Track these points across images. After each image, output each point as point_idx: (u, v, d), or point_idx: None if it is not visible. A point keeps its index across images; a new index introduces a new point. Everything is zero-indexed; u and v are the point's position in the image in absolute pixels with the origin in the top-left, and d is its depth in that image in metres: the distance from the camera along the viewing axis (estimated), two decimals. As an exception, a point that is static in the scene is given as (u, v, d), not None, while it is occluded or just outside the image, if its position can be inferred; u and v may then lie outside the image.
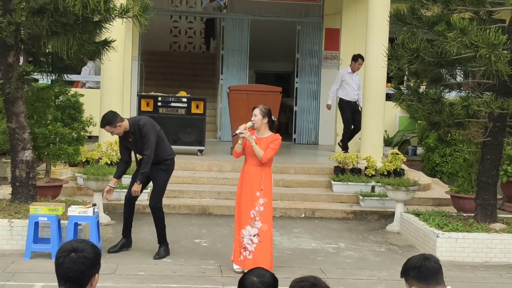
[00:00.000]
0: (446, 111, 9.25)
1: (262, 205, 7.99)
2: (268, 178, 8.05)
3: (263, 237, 7.96)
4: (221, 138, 16.85)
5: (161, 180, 8.72)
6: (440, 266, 3.96)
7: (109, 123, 8.37)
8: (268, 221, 8.02)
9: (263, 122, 8.04)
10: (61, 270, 3.49)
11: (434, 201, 12.19)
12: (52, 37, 8.64)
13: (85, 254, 3.50)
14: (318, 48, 16.92)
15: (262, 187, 7.99)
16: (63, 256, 3.49)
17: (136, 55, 15.92)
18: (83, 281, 3.50)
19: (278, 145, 8.04)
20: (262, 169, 8.02)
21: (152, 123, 8.60)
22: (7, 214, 8.85)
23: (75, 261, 3.47)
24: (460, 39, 8.24)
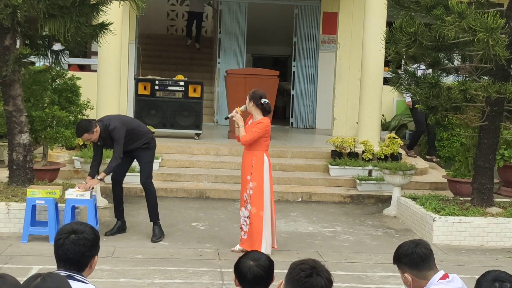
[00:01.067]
0: (443, 95, 9.25)
1: (251, 188, 8.09)
2: (258, 162, 8.07)
3: (252, 220, 8.10)
4: (218, 122, 16.83)
5: (146, 158, 8.80)
6: (431, 251, 3.99)
7: (86, 130, 8.39)
8: (257, 204, 8.08)
9: (249, 105, 8.13)
10: (61, 251, 3.49)
11: (431, 185, 12.22)
12: (49, 20, 8.62)
13: (85, 235, 3.52)
14: (315, 32, 16.87)
15: (252, 171, 8.08)
16: (63, 238, 3.50)
17: (133, 39, 15.87)
18: (83, 263, 3.51)
19: (260, 129, 8.02)
20: (252, 153, 8.10)
21: (122, 123, 8.59)
22: (5, 197, 8.86)
23: (76, 242, 3.48)
24: (458, 23, 8.22)
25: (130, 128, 8.68)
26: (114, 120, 8.67)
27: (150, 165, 8.89)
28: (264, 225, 8.12)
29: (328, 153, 12.82)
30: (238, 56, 17.07)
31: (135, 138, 8.71)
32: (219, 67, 17.04)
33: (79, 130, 8.44)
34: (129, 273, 7.34)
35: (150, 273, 7.40)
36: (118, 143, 8.47)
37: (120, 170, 8.85)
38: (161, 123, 13.77)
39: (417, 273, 3.92)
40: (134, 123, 8.98)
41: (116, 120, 8.65)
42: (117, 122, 8.59)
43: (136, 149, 8.73)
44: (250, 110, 8.19)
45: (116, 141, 8.47)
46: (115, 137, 8.46)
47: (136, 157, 8.84)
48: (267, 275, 3.51)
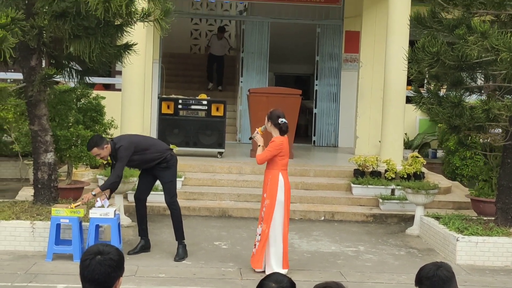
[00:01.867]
0: (466, 115, 9.22)
1: (265, 206, 8.16)
2: (273, 181, 8.11)
3: (261, 237, 8.18)
4: (240, 141, 16.88)
5: (168, 177, 8.83)
6: (453, 273, 3.98)
7: (96, 144, 8.46)
8: (267, 221, 8.13)
9: (268, 125, 8.23)
10: (87, 272, 3.54)
11: (454, 204, 12.16)
12: (74, 41, 8.73)
13: (111, 256, 3.56)
14: (338, 50, 16.92)
15: (267, 189, 8.17)
16: (89, 259, 3.55)
17: (157, 58, 16.01)
18: (108, 284, 3.55)
19: (272, 147, 8.07)
20: (269, 172, 8.20)
21: (129, 143, 8.62)
22: (30, 216, 8.94)
23: (102, 263, 3.53)
24: (480, 42, 8.23)
25: (141, 148, 8.68)
26: (123, 139, 8.74)
27: (173, 184, 8.91)
28: (270, 243, 8.11)
29: (350, 171, 12.81)
30: (261, 74, 17.15)
31: (149, 157, 8.71)
32: (241, 86, 17.12)
33: (90, 144, 8.55)
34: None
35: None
36: (120, 161, 8.51)
37: (143, 189, 8.92)
38: (184, 141, 13.84)
39: (439, 296, 3.91)
40: (146, 142, 8.94)
41: (125, 140, 8.70)
42: (125, 141, 8.63)
43: (155, 169, 8.77)
44: (269, 130, 8.27)
45: (118, 160, 8.52)
46: (118, 156, 8.51)
47: (158, 177, 8.88)
48: None
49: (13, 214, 8.98)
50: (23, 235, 8.76)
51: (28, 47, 8.92)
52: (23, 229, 8.77)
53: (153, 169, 8.77)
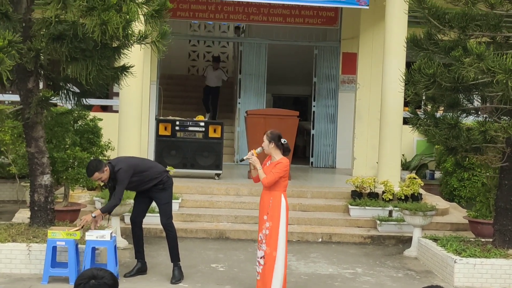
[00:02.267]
0: (463, 136, 9.24)
1: (267, 228, 7.97)
2: (276, 202, 7.98)
3: (266, 260, 7.95)
4: (238, 162, 16.87)
5: (164, 199, 8.80)
6: None
7: (97, 169, 8.43)
8: (272, 244, 7.95)
9: (270, 147, 8.04)
10: None
11: (452, 226, 12.14)
12: (72, 63, 8.75)
13: (105, 280, 3.55)
14: (335, 72, 16.97)
15: (269, 210, 7.98)
16: (83, 283, 3.54)
17: (155, 79, 16.04)
18: None
19: (280, 169, 7.95)
20: (270, 193, 8.00)
21: (128, 167, 8.62)
22: (26, 238, 8.91)
23: (96, 287, 3.51)
24: (476, 64, 8.25)
25: (139, 171, 8.67)
26: (121, 162, 8.72)
27: (169, 205, 8.89)
28: (276, 266, 7.96)
29: (348, 193, 12.79)
30: (258, 96, 17.18)
31: (147, 179, 8.71)
32: (239, 107, 17.15)
33: (90, 170, 8.49)
34: (148, 315, 7.33)
35: (169, 315, 7.38)
36: (120, 185, 8.50)
37: (139, 211, 8.89)
38: (182, 163, 13.83)
39: (435, 318, 3.89)
40: (144, 165, 8.92)
41: (123, 163, 8.68)
42: (124, 164, 8.62)
43: (151, 191, 8.75)
44: (269, 152, 8.09)
45: (118, 183, 8.50)
46: (119, 179, 8.49)
47: (153, 198, 8.86)
48: None
49: (9, 237, 8.94)
50: (19, 257, 8.72)
51: (25, 69, 8.93)
52: (19, 251, 8.73)
53: (149, 191, 8.76)
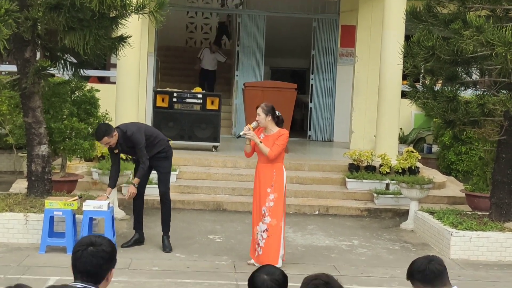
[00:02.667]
0: (461, 109, 9.22)
1: (272, 200, 8.06)
2: (279, 174, 8.09)
3: (271, 232, 8.03)
4: (236, 134, 16.84)
5: (165, 168, 8.87)
6: (445, 267, 3.97)
7: (106, 133, 8.39)
8: (277, 215, 8.05)
9: (267, 120, 8.09)
10: (78, 263, 3.53)
11: (449, 199, 12.16)
12: (69, 33, 8.71)
13: (103, 248, 3.55)
14: (333, 45, 16.88)
15: (273, 183, 8.06)
16: (81, 250, 3.54)
17: (152, 51, 15.95)
18: (100, 275, 3.54)
19: (284, 141, 8.06)
20: (272, 166, 8.07)
21: (138, 129, 8.70)
22: (23, 208, 8.92)
23: (94, 254, 3.51)
24: (476, 37, 8.21)
25: (148, 134, 8.74)
26: (131, 126, 8.79)
27: (169, 175, 8.99)
28: (281, 236, 8.11)
29: (345, 166, 12.80)
30: (256, 68, 17.11)
31: (152, 145, 8.73)
32: (237, 80, 17.08)
33: (99, 133, 8.45)
34: (145, 285, 7.36)
35: (166, 285, 7.42)
36: (139, 147, 8.53)
37: (142, 182, 8.88)
38: (179, 135, 13.81)
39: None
40: (150, 130, 9.09)
41: (133, 126, 8.78)
42: (135, 127, 8.70)
43: (154, 159, 8.73)
44: (265, 125, 8.10)
45: (137, 146, 8.53)
46: (136, 142, 8.51)
47: (154, 167, 8.86)
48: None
49: (6, 207, 8.95)
50: (17, 227, 8.74)
51: (22, 39, 8.88)
52: (16, 221, 8.75)
53: (152, 159, 8.71)
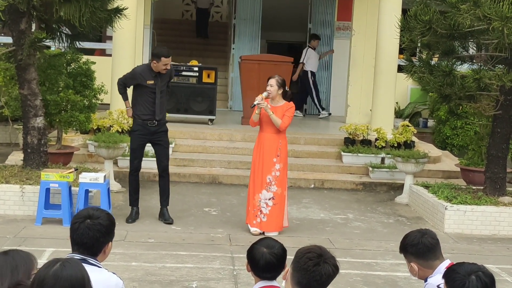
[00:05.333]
0: (457, 84, 9.22)
1: (278, 170, 8.43)
2: (284, 145, 8.49)
3: (277, 200, 8.44)
4: (232, 108, 16.84)
5: (166, 142, 8.92)
6: (438, 241, 4.00)
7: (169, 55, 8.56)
8: (283, 185, 8.49)
9: (278, 92, 8.41)
10: (76, 235, 3.56)
11: (444, 173, 12.20)
12: (64, 4, 8.66)
13: (100, 221, 3.57)
14: (330, 18, 16.82)
15: (279, 153, 8.43)
16: (78, 222, 3.57)
17: (148, 23, 15.87)
18: (97, 248, 3.56)
19: (293, 113, 8.50)
20: (278, 136, 8.44)
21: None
22: (19, 180, 8.94)
23: (90, 227, 3.54)
24: (473, 11, 8.19)
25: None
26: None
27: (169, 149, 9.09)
28: (285, 203, 8.57)
29: (341, 140, 12.82)
30: (253, 42, 17.06)
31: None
32: (233, 53, 17.03)
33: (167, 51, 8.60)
34: (141, 257, 7.41)
35: (161, 257, 7.46)
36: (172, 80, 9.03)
37: (141, 158, 8.88)
38: (175, 108, 13.79)
39: (423, 262, 3.94)
40: None
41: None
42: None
43: (158, 133, 8.69)
44: (274, 96, 8.40)
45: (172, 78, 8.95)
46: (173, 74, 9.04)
47: (157, 140, 8.75)
48: (279, 263, 3.54)
49: (2, 178, 8.97)
50: (13, 199, 8.77)
51: (17, 10, 8.83)
52: (12, 193, 8.77)
53: (156, 133, 8.67)
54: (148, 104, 8.58)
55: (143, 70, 8.65)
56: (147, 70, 8.61)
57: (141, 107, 8.59)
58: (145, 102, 8.57)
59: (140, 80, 8.56)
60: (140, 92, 8.60)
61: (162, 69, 8.52)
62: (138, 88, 8.62)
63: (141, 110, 8.60)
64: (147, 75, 8.55)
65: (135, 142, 8.76)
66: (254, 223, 8.48)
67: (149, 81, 8.56)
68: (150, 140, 8.76)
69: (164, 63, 8.47)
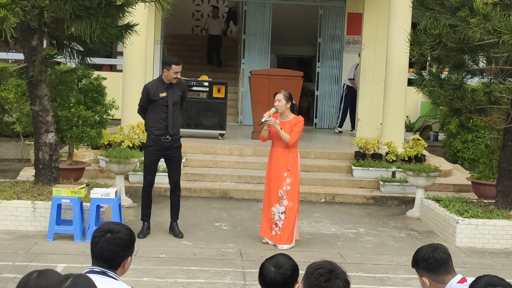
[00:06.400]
0: (468, 97, 9.21)
1: (289, 184, 8.51)
2: (294, 159, 8.54)
3: (288, 214, 8.53)
4: (242, 122, 16.87)
5: (179, 158, 8.97)
6: (449, 255, 4.00)
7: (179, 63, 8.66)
8: (294, 198, 8.55)
9: (286, 106, 8.49)
10: (96, 249, 3.62)
11: (455, 187, 12.17)
12: (76, 21, 8.71)
13: (120, 235, 3.63)
14: (340, 32, 16.86)
15: (289, 167, 8.50)
16: (99, 236, 3.64)
17: (159, 39, 15.97)
18: (116, 262, 3.61)
19: (301, 127, 8.53)
20: (288, 151, 8.50)
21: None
22: (31, 196, 8.97)
23: (110, 241, 3.59)
24: (483, 25, 8.20)
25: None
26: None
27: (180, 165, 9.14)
28: (296, 217, 8.62)
29: (351, 154, 12.81)
30: (263, 56, 17.11)
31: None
32: (243, 68, 17.09)
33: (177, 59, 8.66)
34: (152, 272, 7.41)
35: (173, 272, 7.46)
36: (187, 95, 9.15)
37: (155, 174, 8.91)
38: (186, 123, 13.81)
39: (435, 277, 3.94)
40: None
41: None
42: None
43: (172, 149, 8.72)
44: (283, 111, 8.48)
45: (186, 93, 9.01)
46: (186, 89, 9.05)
47: (171, 156, 8.77)
48: (285, 283, 3.49)
49: (14, 194, 9.00)
50: (24, 215, 8.79)
51: (29, 27, 8.90)
52: (24, 209, 8.80)
53: (171, 149, 8.70)
54: (161, 118, 8.60)
55: (154, 84, 8.69)
56: (159, 83, 8.67)
57: (154, 122, 8.62)
58: (157, 116, 8.59)
59: (152, 94, 8.58)
60: (152, 107, 8.62)
61: (173, 77, 8.56)
62: (150, 103, 8.64)
63: (154, 125, 8.62)
64: (159, 87, 8.60)
65: (148, 158, 8.76)
66: (269, 235, 8.64)
67: (161, 93, 8.60)
68: (163, 155, 8.78)
69: (174, 71, 8.53)
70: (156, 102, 8.57)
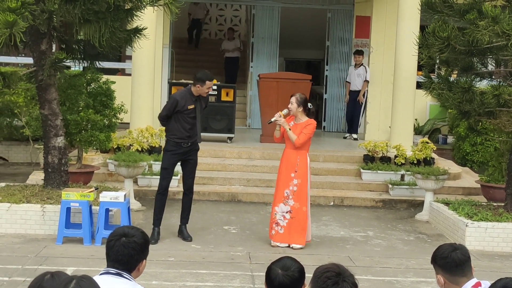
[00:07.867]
0: (476, 100, 9.19)
1: (296, 185, 8.57)
2: (303, 161, 8.57)
3: (294, 214, 8.58)
4: (250, 126, 16.88)
5: (196, 161, 8.98)
6: (469, 258, 3.97)
7: (213, 78, 8.71)
8: (301, 200, 8.58)
9: (298, 110, 8.60)
10: (111, 252, 3.68)
11: (464, 190, 12.13)
12: (84, 25, 8.75)
13: (135, 239, 3.68)
14: (348, 35, 16.85)
15: (297, 169, 8.56)
16: (114, 240, 3.69)
17: (167, 43, 16.00)
18: (131, 265, 3.68)
19: (310, 130, 8.58)
20: (297, 153, 8.58)
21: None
22: (40, 199, 8.99)
23: (125, 245, 3.65)
24: (491, 27, 8.19)
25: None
26: None
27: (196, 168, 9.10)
28: (308, 220, 8.67)
29: (360, 157, 12.80)
30: (271, 60, 17.12)
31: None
32: (252, 71, 17.10)
33: (210, 75, 8.68)
34: (161, 276, 7.42)
35: (182, 276, 7.47)
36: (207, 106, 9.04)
37: (171, 177, 8.96)
38: (194, 126, 13.81)
39: (450, 277, 3.93)
40: None
41: None
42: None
43: (190, 153, 8.78)
44: (295, 114, 8.60)
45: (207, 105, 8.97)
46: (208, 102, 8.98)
47: (188, 158, 8.82)
48: (293, 285, 3.49)
49: (23, 198, 9.03)
50: (34, 218, 8.82)
51: (38, 31, 8.93)
52: (33, 212, 8.83)
53: (188, 153, 8.75)
54: (184, 129, 8.64)
55: (184, 96, 8.64)
56: (188, 94, 8.66)
57: (177, 131, 8.65)
58: (182, 126, 8.64)
59: (180, 106, 8.58)
60: (177, 117, 8.62)
61: (205, 92, 8.67)
62: (175, 114, 8.65)
63: (177, 134, 8.66)
64: (188, 100, 8.62)
65: (168, 161, 8.77)
66: (271, 235, 8.74)
67: (190, 106, 8.63)
68: (181, 158, 8.82)
69: (208, 86, 8.62)
70: (183, 113, 8.61)
